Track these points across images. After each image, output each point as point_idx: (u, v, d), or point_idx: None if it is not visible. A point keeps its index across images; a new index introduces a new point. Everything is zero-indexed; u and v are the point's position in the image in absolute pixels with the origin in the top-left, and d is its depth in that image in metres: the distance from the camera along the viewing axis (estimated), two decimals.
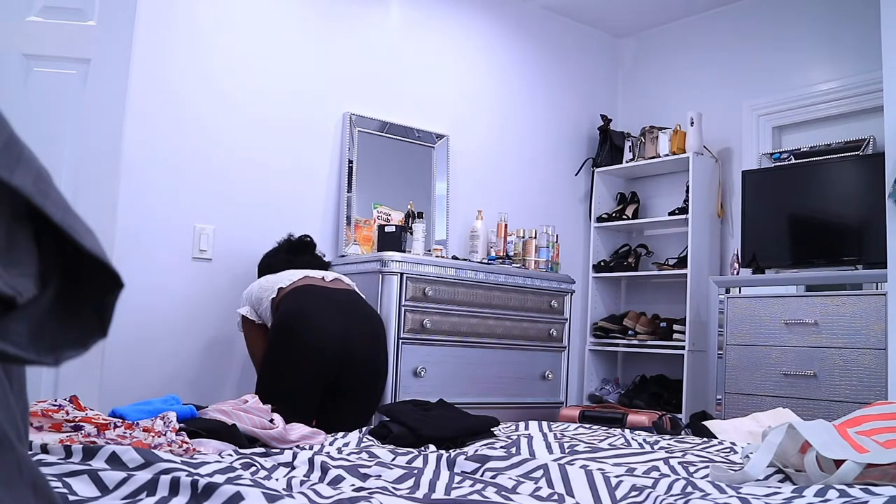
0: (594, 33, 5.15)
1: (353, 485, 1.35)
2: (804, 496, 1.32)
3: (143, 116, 3.33)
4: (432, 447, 2.01)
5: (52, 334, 0.46)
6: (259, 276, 3.28)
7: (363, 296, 3.17)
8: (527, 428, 2.40)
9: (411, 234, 3.83)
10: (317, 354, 2.74)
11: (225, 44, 3.65)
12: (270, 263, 3.24)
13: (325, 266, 3.29)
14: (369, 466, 1.50)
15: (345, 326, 2.84)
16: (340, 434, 2.19)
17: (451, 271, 3.69)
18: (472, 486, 1.38)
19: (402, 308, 3.50)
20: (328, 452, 1.76)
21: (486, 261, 4.15)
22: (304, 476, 1.43)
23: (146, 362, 3.29)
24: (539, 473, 1.49)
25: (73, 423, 1.62)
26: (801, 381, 3.50)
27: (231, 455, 1.59)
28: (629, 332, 4.60)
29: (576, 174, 4.92)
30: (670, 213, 4.54)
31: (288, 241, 3.36)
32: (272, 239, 3.68)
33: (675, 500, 1.29)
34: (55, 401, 1.72)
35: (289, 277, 3.01)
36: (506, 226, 4.32)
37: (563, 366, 4.06)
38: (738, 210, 4.27)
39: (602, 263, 4.82)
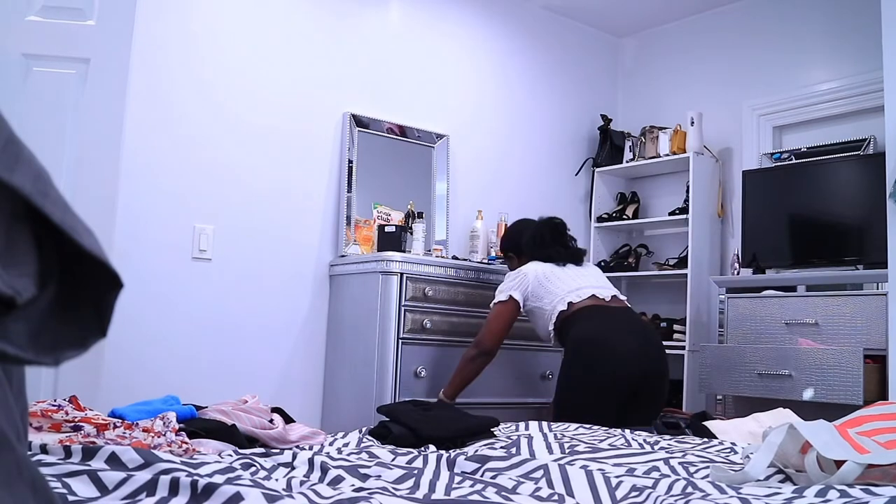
0: (594, 33, 5.15)
1: (353, 485, 1.35)
2: (805, 496, 1.32)
3: (142, 116, 3.33)
4: (432, 447, 2.00)
5: (51, 334, 0.46)
6: (518, 257, 3.40)
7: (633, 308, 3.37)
8: (527, 428, 2.40)
9: (411, 234, 3.83)
10: (616, 378, 2.95)
11: (225, 43, 3.65)
12: (529, 252, 3.34)
13: (581, 254, 3.39)
14: (369, 466, 1.50)
15: (638, 348, 3.02)
16: (340, 434, 2.19)
17: (451, 271, 3.69)
18: (472, 486, 1.38)
19: (402, 308, 3.50)
20: (328, 453, 1.76)
21: (486, 261, 4.15)
22: (304, 476, 1.43)
23: (146, 362, 3.29)
24: (539, 473, 1.49)
25: (72, 424, 1.62)
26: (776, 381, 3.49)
27: (231, 455, 1.58)
28: None
29: (576, 174, 4.92)
30: (670, 213, 4.54)
31: (540, 226, 3.42)
32: (272, 239, 3.69)
33: (676, 501, 1.29)
34: (55, 401, 1.72)
35: (577, 292, 3.16)
36: (506, 226, 4.32)
37: None
38: (739, 210, 4.28)
39: (602, 263, 4.81)
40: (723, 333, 3.91)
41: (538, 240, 3.37)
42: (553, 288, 3.18)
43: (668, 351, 4.31)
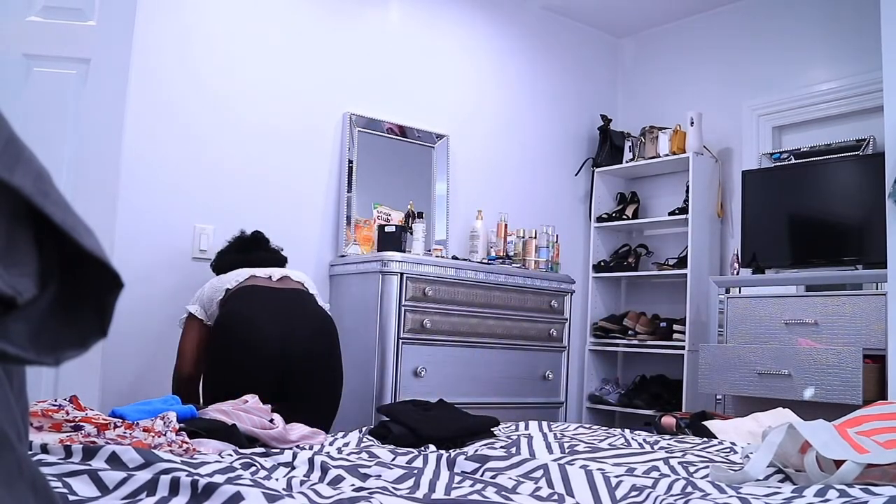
0: (594, 33, 5.15)
1: (353, 485, 1.35)
2: (804, 496, 1.32)
3: (142, 116, 3.33)
4: (432, 447, 2.01)
5: (52, 334, 0.46)
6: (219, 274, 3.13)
7: (314, 293, 3.01)
8: (527, 428, 2.40)
9: (411, 234, 3.83)
10: (256, 355, 2.68)
11: (226, 44, 3.65)
12: (220, 264, 3.10)
13: (280, 261, 3.13)
14: (369, 466, 1.50)
15: (287, 326, 2.75)
16: (340, 434, 2.20)
17: (451, 271, 3.69)
18: (472, 486, 1.38)
19: (402, 308, 3.50)
20: (328, 452, 1.76)
21: (486, 261, 4.15)
22: (304, 476, 1.43)
23: (146, 362, 3.29)
24: (539, 473, 1.49)
25: (73, 423, 1.62)
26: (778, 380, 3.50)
27: (231, 455, 1.59)
28: (629, 332, 4.60)
29: (576, 174, 4.92)
30: (670, 213, 4.54)
31: (238, 238, 3.20)
32: (272, 239, 3.68)
33: (675, 500, 1.29)
34: (55, 401, 1.72)
35: (235, 277, 2.92)
36: (506, 226, 4.33)
37: (563, 366, 4.07)
38: (738, 210, 4.28)
39: (602, 263, 4.82)
40: (722, 333, 3.91)
41: (229, 249, 3.15)
42: (218, 284, 2.96)
43: (667, 351, 4.36)
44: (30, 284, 0.45)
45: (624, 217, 4.81)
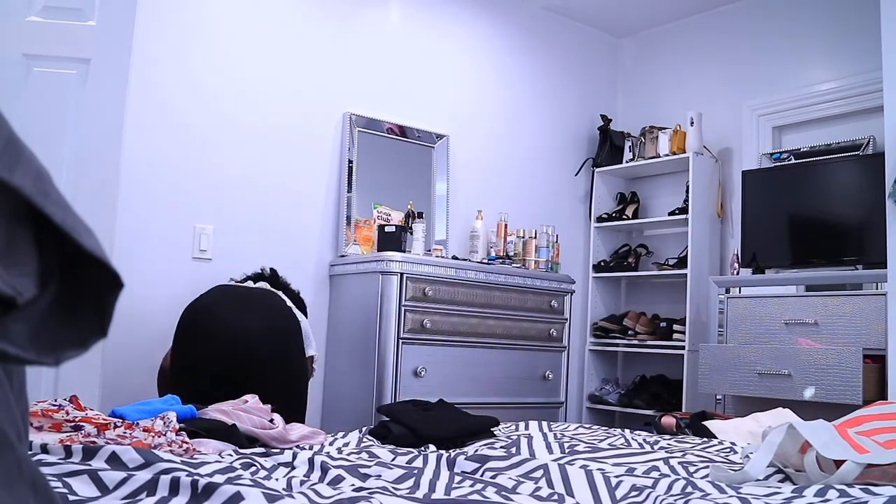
0: (594, 33, 5.15)
1: (353, 485, 1.35)
2: (804, 496, 1.32)
3: (142, 116, 3.33)
4: (432, 447, 2.01)
5: (52, 334, 0.46)
6: None
7: (287, 301, 3.06)
8: (527, 428, 2.40)
9: (411, 234, 3.83)
10: (209, 339, 2.82)
11: (226, 44, 3.65)
12: None
13: (289, 292, 3.23)
14: (369, 466, 1.50)
15: (240, 315, 2.89)
16: (340, 434, 2.20)
17: (451, 271, 3.69)
18: (472, 486, 1.38)
19: (402, 308, 3.50)
20: (328, 452, 1.76)
21: (486, 261, 4.15)
22: (304, 476, 1.43)
23: (146, 362, 3.29)
24: (539, 473, 1.49)
25: (73, 423, 1.62)
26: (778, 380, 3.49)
27: (231, 455, 1.59)
28: (629, 332, 4.60)
29: (576, 174, 4.92)
30: (670, 213, 4.54)
31: (255, 272, 3.34)
32: (273, 238, 3.71)
33: (675, 500, 1.29)
34: (55, 401, 1.72)
35: None
36: (506, 226, 4.32)
37: (563, 366, 4.07)
38: (738, 210, 4.28)
39: (602, 263, 4.82)
40: (722, 333, 3.91)
41: (243, 280, 3.32)
42: None
43: (667, 351, 4.36)
44: (30, 284, 0.45)
45: (624, 217, 4.81)
